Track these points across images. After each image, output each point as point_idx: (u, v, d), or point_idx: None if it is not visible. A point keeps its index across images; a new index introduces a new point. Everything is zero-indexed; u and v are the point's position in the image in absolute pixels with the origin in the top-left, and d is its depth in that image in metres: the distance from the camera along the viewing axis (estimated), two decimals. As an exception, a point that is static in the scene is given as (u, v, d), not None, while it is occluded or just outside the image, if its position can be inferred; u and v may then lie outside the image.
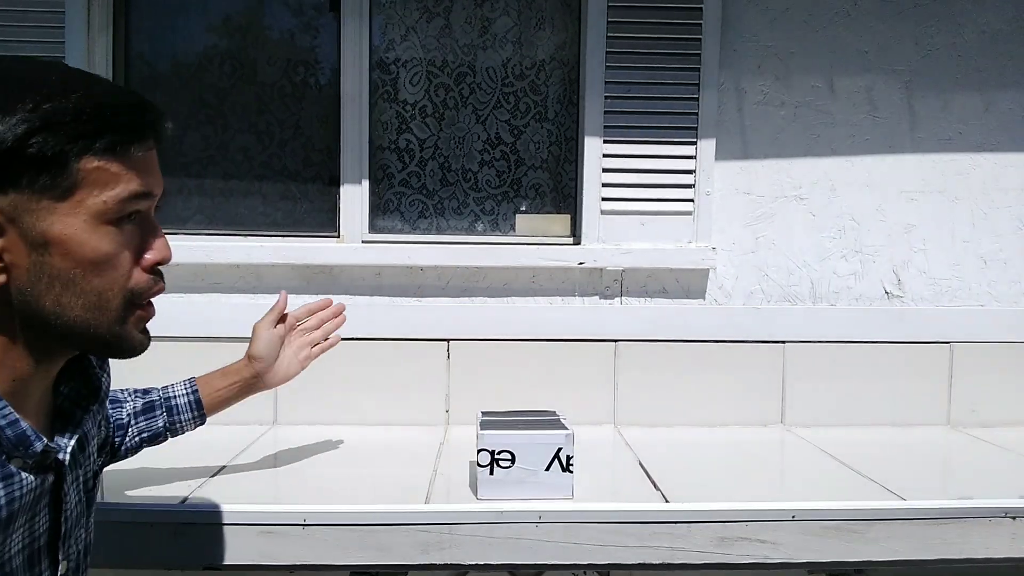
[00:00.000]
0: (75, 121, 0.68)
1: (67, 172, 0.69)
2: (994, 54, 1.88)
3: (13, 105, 0.66)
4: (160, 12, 1.89)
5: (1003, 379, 1.89)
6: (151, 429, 1.24)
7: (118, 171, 0.71)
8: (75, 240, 0.70)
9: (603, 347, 1.85)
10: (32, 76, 0.69)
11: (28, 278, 0.70)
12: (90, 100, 0.69)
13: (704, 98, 1.84)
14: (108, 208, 0.71)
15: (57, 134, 0.67)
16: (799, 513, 1.25)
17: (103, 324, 0.74)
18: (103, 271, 0.72)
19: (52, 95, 0.67)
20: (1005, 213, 1.92)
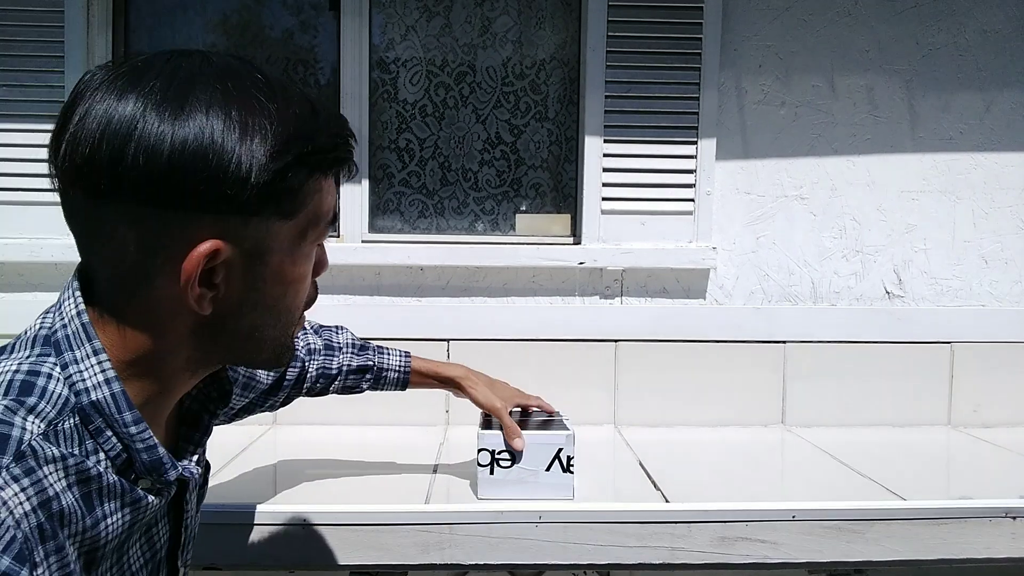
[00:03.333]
0: (311, 146, 0.66)
1: (299, 202, 0.67)
2: (995, 53, 1.88)
3: (253, 130, 0.62)
4: (159, 11, 1.89)
5: (1004, 379, 1.88)
6: (351, 391, 1.31)
7: (327, 193, 0.70)
8: (290, 262, 0.68)
9: (603, 347, 1.85)
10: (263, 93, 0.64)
11: (238, 306, 0.67)
12: (328, 128, 0.67)
13: (704, 98, 1.84)
14: (320, 234, 0.71)
15: (303, 167, 0.65)
16: (799, 513, 1.25)
17: (283, 339, 0.73)
18: (300, 290, 0.72)
19: (287, 114, 0.64)
20: (1006, 213, 1.92)
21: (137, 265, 0.63)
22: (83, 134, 0.61)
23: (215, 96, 0.62)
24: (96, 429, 0.64)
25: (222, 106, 0.61)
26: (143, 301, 0.65)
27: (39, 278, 1.78)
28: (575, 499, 1.26)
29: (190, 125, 0.60)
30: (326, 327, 1.32)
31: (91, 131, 0.60)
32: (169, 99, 0.60)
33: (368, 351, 1.31)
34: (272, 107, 0.64)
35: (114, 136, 0.60)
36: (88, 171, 0.61)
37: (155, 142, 0.60)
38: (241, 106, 0.62)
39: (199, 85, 0.62)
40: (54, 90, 1.76)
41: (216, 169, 0.61)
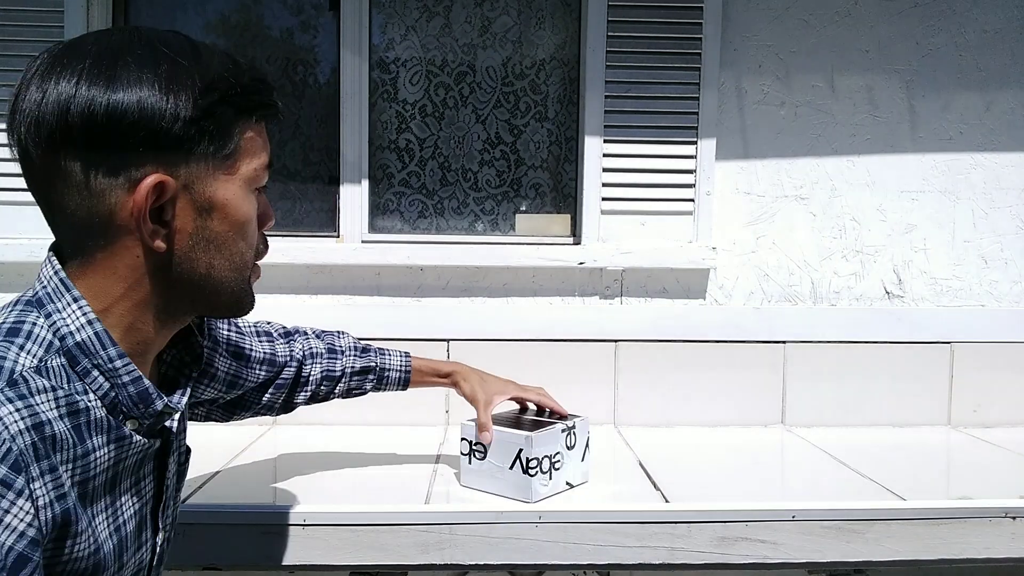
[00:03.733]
0: (242, 94, 0.75)
1: (231, 141, 0.75)
2: (995, 53, 1.88)
3: (184, 80, 0.70)
4: (159, 11, 1.89)
5: (1004, 379, 1.88)
6: (355, 393, 1.34)
7: (262, 142, 0.80)
8: (232, 204, 0.76)
9: (603, 347, 1.85)
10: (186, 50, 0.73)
11: (189, 242, 0.74)
12: (248, 74, 0.76)
13: (704, 98, 1.84)
14: (256, 175, 0.79)
15: (228, 106, 0.74)
16: (799, 513, 1.25)
17: (239, 283, 0.80)
18: (247, 233, 0.79)
19: (217, 70, 0.73)
20: (1006, 213, 1.92)
21: (95, 209, 0.70)
22: (30, 103, 0.69)
23: (144, 58, 0.70)
24: (83, 370, 0.71)
25: (150, 63, 0.70)
26: (106, 247, 0.72)
27: (39, 278, 1.79)
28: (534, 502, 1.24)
29: (122, 84, 0.69)
30: (328, 332, 1.34)
31: (36, 99, 0.69)
32: (98, 68, 0.69)
33: (370, 352, 1.34)
34: (195, 61, 0.72)
35: (56, 99, 0.68)
36: (37, 128, 0.69)
37: (92, 99, 0.68)
38: (167, 62, 0.71)
39: (128, 54, 0.70)
40: (54, 90, 1.76)
41: (149, 111, 0.69)
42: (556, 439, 1.28)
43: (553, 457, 1.27)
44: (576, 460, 1.33)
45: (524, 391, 1.39)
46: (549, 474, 1.27)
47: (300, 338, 1.29)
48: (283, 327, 1.30)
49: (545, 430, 1.27)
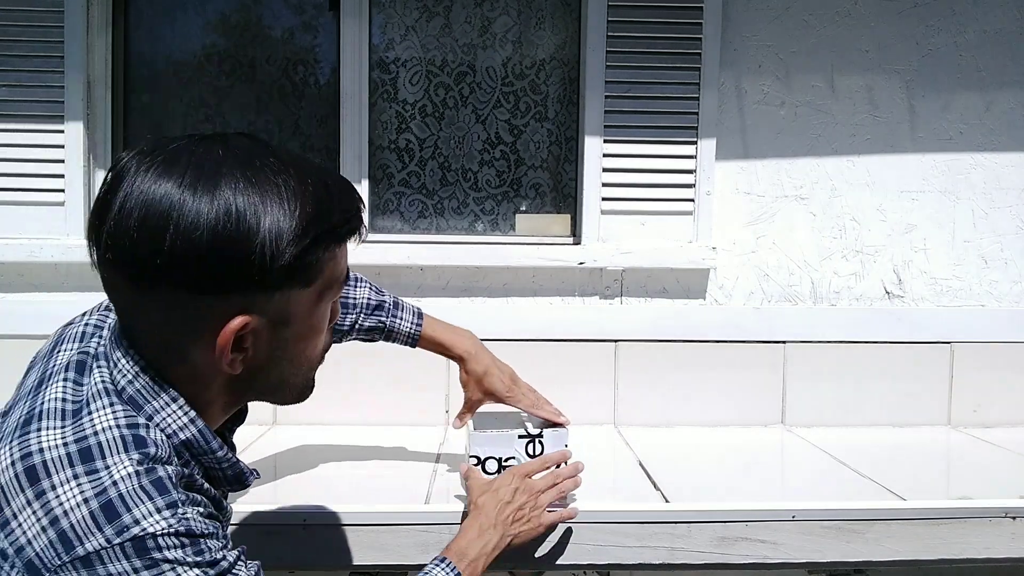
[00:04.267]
0: (328, 224, 0.74)
1: (315, 267, 0.75)
2: (995, 54, 1.88)
3: (282, 224, 0.70)
4: (159, 11, 1.89)
5: (1004, 379, 1.88)
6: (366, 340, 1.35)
7: (340, 259, 0.79)
8: (309, 322, 0.78)
9: (603, 347, 1.85)
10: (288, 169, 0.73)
11: (265, 360, 0.76)
12: (341, 203, 0.76)
13: (704, 98, 1.84)
14: (333, 293, 0.80)
15: (320, 245, 0.74)
16: (799, 513, 1.25)
17: (308, 381, 0.84)
18: (318, 340, 0.82)
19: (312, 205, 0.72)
20: (1006, 213, 1.92)
21: (175, 340, 0.73)
22: (122, 225, 0.68)
23: (239, 186, 0.69)
24: (185, 462, 0.77)
25: (246, 196, 0.69)
26: (183, 366, 0.75)
27: (39, 278, 1.78)
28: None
29: (221, 215, 0.68)
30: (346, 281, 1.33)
31: (130, 222, 0.68)
32: (199, 191, 0.68)
33: (382, 311, 1.33)
34: (289, 191, 0.71)
35: (153, 227, 0.67)
36: (130, 261, 0.69)
37: (190, 230, 0.67)
38: (263, 194, 0.70)
39: (224, 175, 0.69)
40: (54, 90, 1.76)
41: (244, 255, 0.69)
42: (508, 443, 1.26)
43: (504, 461, 1.25)
44: None
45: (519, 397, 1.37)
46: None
47: None
48: None
49: (495, 431, 1.27)
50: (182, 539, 0.69)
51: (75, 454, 0.69)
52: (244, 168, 0.71)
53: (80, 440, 0.70)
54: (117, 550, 0.67)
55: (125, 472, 0.69)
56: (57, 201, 1.78)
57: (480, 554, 1.05)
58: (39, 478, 0.68)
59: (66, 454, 0.69)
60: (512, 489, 1.13)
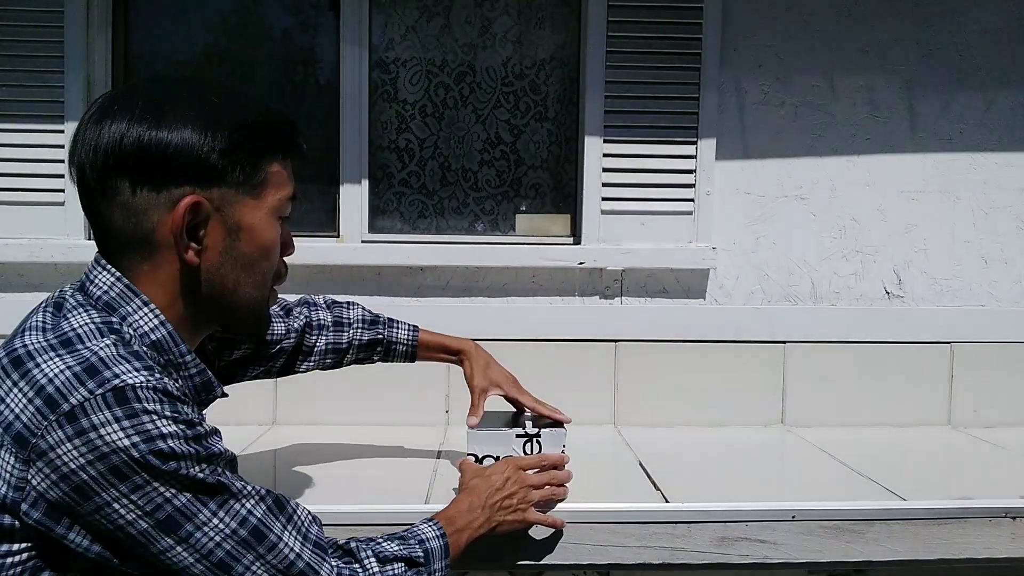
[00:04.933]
0: (271, 132, 0.89)
1: (260, 173, 0.88)
2: (995, 53, 1.88)
3: (220, 118, 0.84)
4: (159, 11, 1.89)
5: (1004, 379, 1.88)
6: (363, 362, 1.38)
7: (287, 176, 0.92)
8: (258, 228, 0.88)
9: (603, 347, 1.85)
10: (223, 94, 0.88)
11: (219, 259, 0.87)
12: (278, 117, 0.90)
13: (704, 98, 1.84)
14: (281, 205, 0.91)
15: (259, 141, 0.87)
16: (799, 513, 1.25)
17: (260, 302, 0.92)
18: (270, 256, 0.91)
19: (250, 111, 0.87)
20: (1006, 213, 1.92)
21: (140, 225, 0.83)
22: (89, 138, 0.83)
23: (188, 102, 0.84)
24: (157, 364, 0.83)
25: (194, 108, 0.83)
26: (148, 260, 0.84)
27: (39, 278, 1.78)
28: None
29: (168, 125, 0.82)
30: (338, 303, 1.36)
31: (95, 135, 0.82)
32: (148, 112, 0.82)
33: (378, 325, 1.36)
34: (231, 104, 0.86)
35: (112, 136, 0.82)
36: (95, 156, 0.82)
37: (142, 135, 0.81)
38: (207, 104, 0.84)
39: (174, 97, 0.84)
40: (54, 90, 1.76)
41: (190, 143, 0.82)
42: (506, 441, 1.26)
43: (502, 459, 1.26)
44: None
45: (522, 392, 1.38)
46: None
47: (307, 309, 1.31)
48: (284, 304, 1.32)
49: (493, 430, 1.28)
50: (160, 395, 0.75)
51: (57, 343, 0.78)
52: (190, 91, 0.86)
53: (60, 336, 0.79)
54: (99, 399, 0.72)
55: (104, 344, 0.77)
56: (57, 201, 1.78)
57: (467, 527, 1.06)
58: (23, 363, 0.76)
59: (48, 344, 0.77)
60: (504, 478, 1.15)
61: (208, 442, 0.79)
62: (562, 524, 1.21)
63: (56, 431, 0.71)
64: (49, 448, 0.71)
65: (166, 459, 0.74)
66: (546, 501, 1.20)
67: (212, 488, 0.78)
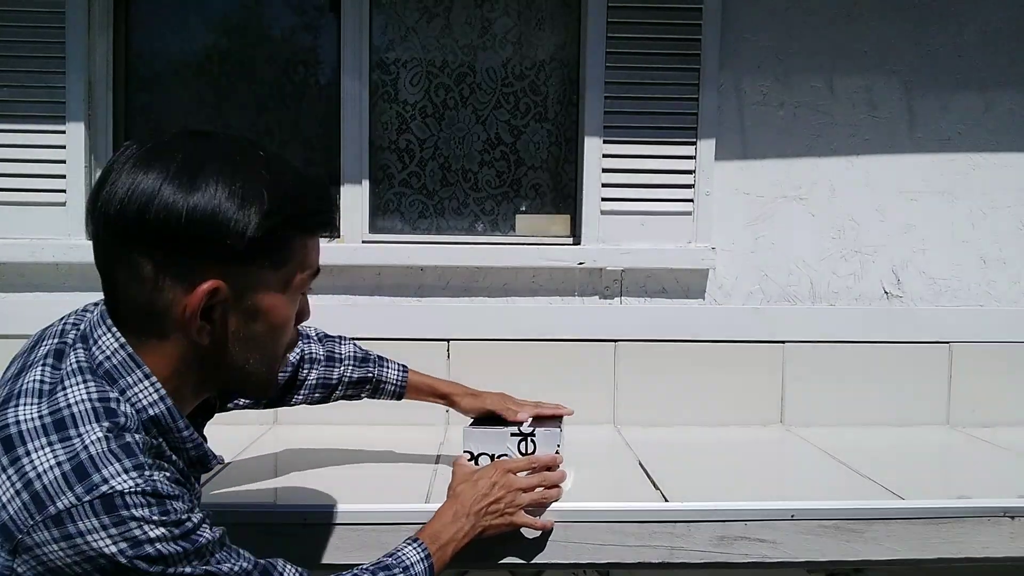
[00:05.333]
0: (304, 216, 0.83)
1: (287, 251, 0.82)
2: (994, 54, 1.88)
3: (254, 198, 0.77)
4: (160, 11, 1.89)
5: (1003, 379, 1.89)
6: (350, 399, 1.38)
7: (311, 250, 0.86)
8: (276, 310, 0.84)
9: (603, 347, 1.85)
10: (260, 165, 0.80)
11: (231, 340, 0.82)
12: (313, 193, 0.84)
13: (704, 98, 1.84)
14: (303, 284, 0.86)
15: (291, 227, 0.81)
16: (798, 513, 1.25)
17: (270, 373, 0.88)
18: (284, 334, 0.87)
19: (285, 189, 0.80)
20: (1005, 213, 1.92)
21: (155, 302, 0.78)
22: (116, 193, 0.76)
23: (223, 170, 0.77)
24: (153, 437, 0.80)
25: (228, 178, 0.77)
26: (159, 335, 0.80)
27: (40, 278, 1.79)
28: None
29: (201, 194, 0.76)
30: (330, 337, 1.35)
31: (122, 191, 0.76)
32: (183, 173, 0.76)
33: (368, 363, 1.36)
34: (268, 177, 0.79)
35: (140, 195, 0.75)
36: (118, 218, 0.76)
37: (172, 203, 0.75)
38: (243, 178, 0.78)
39: (209, 161, 0.78)
40: (55, 90, 1.77)
41: (221, 226, 0.76)
42: (501, 440, 1.28)
43: (497, 458, 1.28)
44: None
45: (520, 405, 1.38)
46: None
47: (300, 341, 1.30)
48: None
49: (490, 429, 1.29)
50: (148, 498, 0.73)
51: (50, 425, 0.74)
52: (229, 156, 0.79)
53: (54, 412, 0.75)
54: (87, 507, 0.70)
55: (96, 437, 0.73)
56: (58, 201, 1.79)
57: (451, 539, 1.07)
58: (15, 446, 0.73)
59: (41, 425, 0.74)
60: (491, 483, 1.14)
61: (196, 535, 0.76)
62: (550, 526, 1.21)
63: (43, 531, 0.70)
64: (35, 545, 0.70)
65: (153, 563, 0.72)
66: (537, 504, 1.20)
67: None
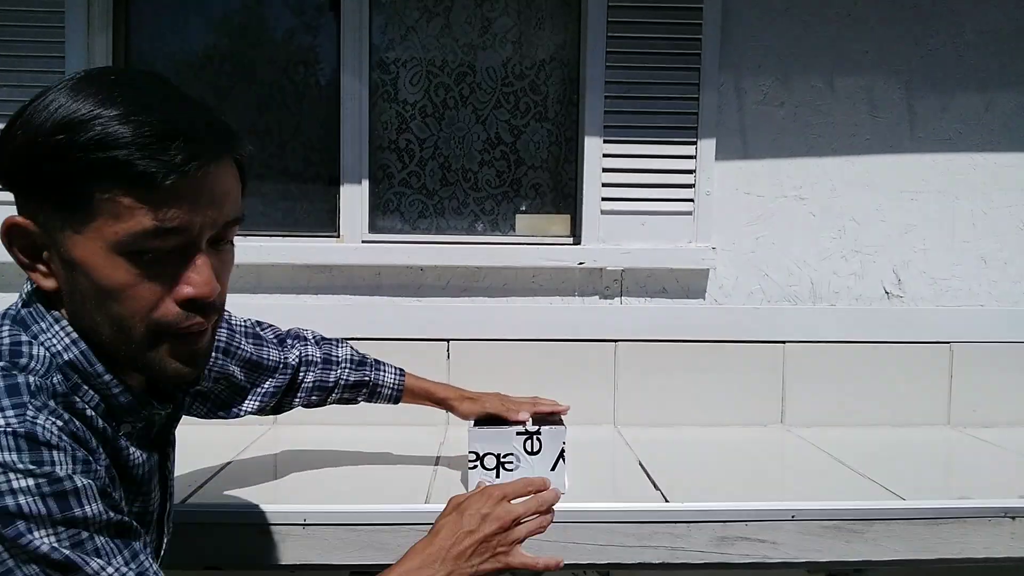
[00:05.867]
0: (87, 153, 0.67)
1: (83, 201, 0.68)
2: (994, 54, 1.88)
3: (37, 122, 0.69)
4: (160, 12, 1.89)
5: (1003, 379, 1.89)
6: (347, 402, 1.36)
7: (131, 205, 0.68)
8: (91, 265, 0.70)
9: (603, 347, 1.85)
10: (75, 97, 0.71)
11: (67, 290, 0.74)
12: (109, 130, 0.67)
13: (704, 98, 1.84)
14: (120, 240, 0.69)
15: (68, 163, 0.67)
16: (799, 513, 1.25)
17: (129, 350, 0.74)
18: (121, 300, 0.71)
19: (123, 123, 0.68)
20: (1005, 213, 1.92)
21: None
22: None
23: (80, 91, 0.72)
24: (74, 385, 0.74)
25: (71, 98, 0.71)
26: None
27: (39, 278, 1.79)
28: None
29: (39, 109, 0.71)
30: (327, 340, 1.35)
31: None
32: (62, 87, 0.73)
33: (365, 366, 1.35)
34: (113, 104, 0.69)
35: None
36: None
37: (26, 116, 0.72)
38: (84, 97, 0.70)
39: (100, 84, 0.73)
40: (54, 90, 1.76)
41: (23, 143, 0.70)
42: (506, 439, 1.28)
43: (503, 457, 1.28)
44: (541, 467, 1.29)
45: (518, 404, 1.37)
46: (496, 472, 1.28)
47: (298, 344, 1.30)
48: (278, 332, 1.30)
49: (495, 428, 1.29)
50: (19, 441, 0.64)
51: None
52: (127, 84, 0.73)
53: None
54: None
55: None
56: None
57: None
58: None
59: None
60: (480, 516, 0.94)
61: (73, 501, 0.65)
62: (558, 563, 1.04)
63: None
64: None
65: (8, 517, 0.62)
66: (534, 534, 1.02)
67: (58, 565, 0.64)
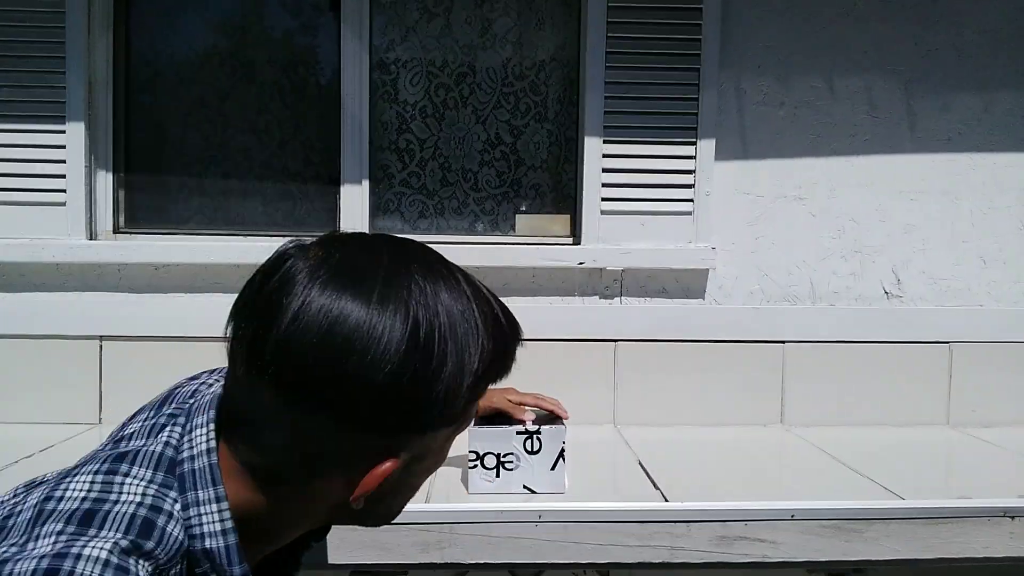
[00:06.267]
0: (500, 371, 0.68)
1: (472, 408, 0.68)
2: (994, 54, 1.88)
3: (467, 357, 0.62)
4: (161, 12, 1.89)
5: (1003, 379, 1.89)
6: None
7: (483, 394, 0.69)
8: (438, 456, 0.70)
9: (603, 347, 1.85)
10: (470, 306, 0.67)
11: (386, 494, 0.67)
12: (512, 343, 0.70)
13: (704, 98, 1.84)
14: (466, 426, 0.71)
15: (477, 387, 0.65)
16: (798, 512, 1.25)
17: (401, 507, 0.76)
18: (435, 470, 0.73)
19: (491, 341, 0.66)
20: (1005, 213, 1.92)
21: (301, 463, 0.63)
22: (298, 337, 0.58)
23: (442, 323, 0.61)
24: (202, 573, 0.63)
25: (449, 333, 0.61)
26: (294, 485, 0.64)
27: (40, 278, 1.79)
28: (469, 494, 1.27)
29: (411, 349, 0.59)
30: None
31: (309, 335, 0.58)
32: (387, 311, 0.59)
33: None
34: (476, 325, 0.65)
35: (336, 348, 0.58)
36: (295, 379, 0.58)
37: (377, 362, 0.58)
38: (456, 329, 0.62)
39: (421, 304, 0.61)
40: (55, 90, 1.77)
41: (426, 399, 0.60)
42: (506, 438, 1.28)
43: (503, 456, 1.28)
44: (541, 466, 1.29)
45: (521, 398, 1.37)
46: (496, 471, 1.28)
47: None
48: None
49: (495, 428, 1.29)
50: None
51: (79, 513, 0.60)
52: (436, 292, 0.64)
53: (98, 501, 0.60)
54: None
55: (98, 553, 0.57)
56: (58, 201, 1.79)
57: None
58: (36, 524, 0.59)
59: (72, 510, 0.60)
60: None
61: None
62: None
63: None
64: None
65: None
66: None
67: None
